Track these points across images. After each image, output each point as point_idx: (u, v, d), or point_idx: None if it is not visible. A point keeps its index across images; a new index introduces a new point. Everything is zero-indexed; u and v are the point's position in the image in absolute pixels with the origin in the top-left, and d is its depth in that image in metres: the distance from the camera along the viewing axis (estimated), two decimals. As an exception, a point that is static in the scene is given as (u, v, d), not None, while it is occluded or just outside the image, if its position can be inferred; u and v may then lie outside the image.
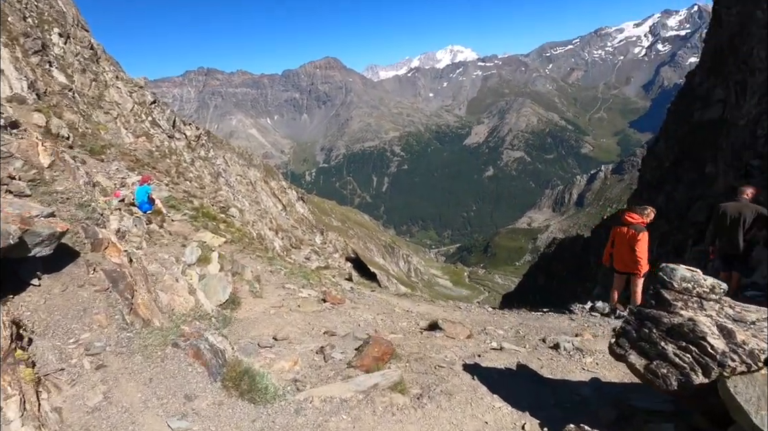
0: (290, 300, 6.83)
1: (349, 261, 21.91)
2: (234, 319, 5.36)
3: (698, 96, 36.38)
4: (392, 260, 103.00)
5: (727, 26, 34.35)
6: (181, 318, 4.28)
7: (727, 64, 33.29)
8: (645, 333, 2.54)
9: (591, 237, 73.18)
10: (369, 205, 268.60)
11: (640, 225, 6.12)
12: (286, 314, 5.88)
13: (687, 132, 35.32)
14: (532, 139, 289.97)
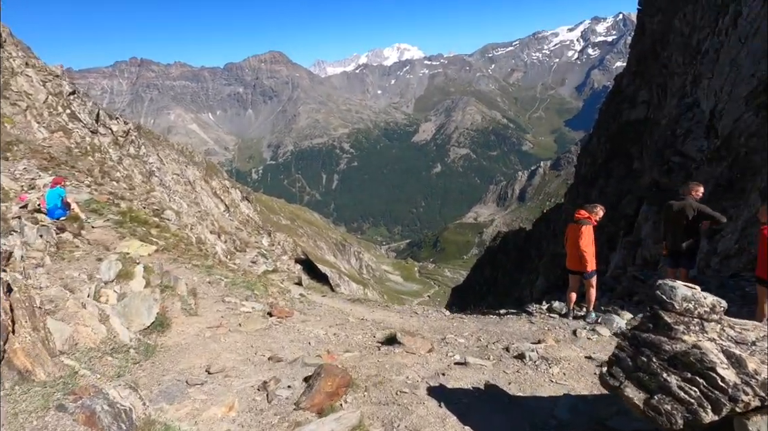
0: (231, 317, 6.06)
1: (298, 263, 20.98)
2: (160, 348, 4.55)
3: (626, 97, 38.94)
4: (343, 257, 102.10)
5: (650, 33, 36.98)
6: (85, 356, 3.46)
7: (650, 68, 35.84)
8: (643, 362, 2.22)
9: (532, 231, 76.92)
10: (319, 203, 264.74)
11: (586, 220, 6.01)
12: (224, 336, 5.13)
13: (616, 130, 37.69)
14: (477, 136, 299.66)
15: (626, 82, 39.60)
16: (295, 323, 6.42)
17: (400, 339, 5.24)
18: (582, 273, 6.31)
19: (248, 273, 12.52)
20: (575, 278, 6.49)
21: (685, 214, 6.27)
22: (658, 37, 34.55)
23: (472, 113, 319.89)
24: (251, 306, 6.89)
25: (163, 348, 4.58)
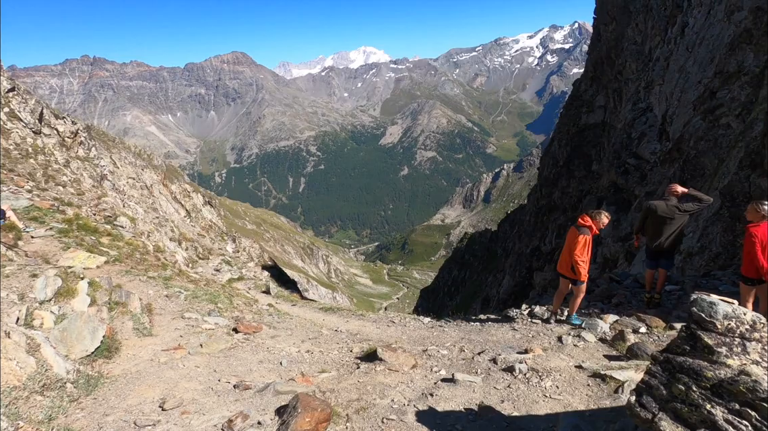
0: (191, 336, 5.44)
1: (265, 270, 20.12)
2: (105, 379, 3.92)
3: (584, 102, 40.35)
4: (312, 262, 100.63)
5: (606, 41, 38.48)
6: (6, 399, 2.83)
7: (606, 74, 37.29)
8: (680, 391, 1.92)
9: (498, 231, 78.74)
10: (286, 207, 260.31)
11: (586, 228, 5.81)
12: (183, 360, 4.54)
13: (576, 134, 38.96)
14: (442, 139, 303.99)
15: (584, 87, 41.06)
16: (264, 339, 5.87)
17: (381, 355, 4.82)
18: (572, 280, 6.10)
19: (211, 282, 11.74)
20: (564, 282, 6.27)
21: (674, 217, 6.21)
22: (612, 45, 35.99)
23: (438, 116, 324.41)
24: (214, 321, 6.27)
25: (110, 379, 3.95)
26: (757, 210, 5.01)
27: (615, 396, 4.05)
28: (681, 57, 22.13)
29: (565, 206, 35.35)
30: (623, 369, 4.48)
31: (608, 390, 4.22)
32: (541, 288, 31.67)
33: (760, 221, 4.95)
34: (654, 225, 6.35)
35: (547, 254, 34.25)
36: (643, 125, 24.43)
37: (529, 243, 40.57)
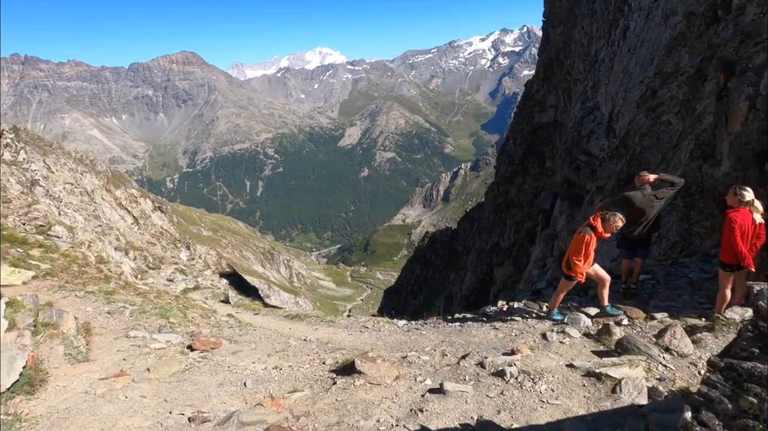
0: (136, 359, 4.69)
1: (224, 278, 18.98)
2: (23, 423, 3.17)
3: (536, 101, 41.72)
4: (273, 267, 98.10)
5: (554, 43, 39.93)
6: None
7: (556, 74, 38.70)
8: (752, 405, 1.58)
9: (458, 229, 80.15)
10: (243, 211, 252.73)
11: (589, 227, 5.48)
12: (125, 390, 3.82)
13: (529, 132, 40.19)
14: (401, 140, 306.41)
15: (536, 87, 42.45)
16: (224, 356, 5.20)
17: (359, 367, 4.32)
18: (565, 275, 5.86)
19: (163, 294, 10.73)
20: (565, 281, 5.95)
21: (653, 207, 6.14)
22: (561, 47, 37.38)
23: (396, 118, 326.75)
24: (165, 339, 5.51)
25: (29, 421, 3.20)
26: (737, 195, 4.96)
27: (614, 396, 3.78)
28: (624, 58, 23.21)
29: (522, 203, 36.27)
30: (617, 365, 4.25)
31: (605, 390, 3.96)
32: (502, 283, 32.25)
33: (739, 206, 4.91)
34: (631, 215, 6.27)
35: (506, 250, 34.92)
36: (592, 123, 25.40)
37: (489, 240, 41.33)
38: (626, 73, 22.40)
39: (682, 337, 4.56)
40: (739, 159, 9.82)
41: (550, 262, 22.38)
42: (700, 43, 15.30)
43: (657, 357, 4.39)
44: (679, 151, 13.72)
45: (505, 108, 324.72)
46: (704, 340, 4.64)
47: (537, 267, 24.05)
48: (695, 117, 13.44)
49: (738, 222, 4.75)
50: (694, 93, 14.10)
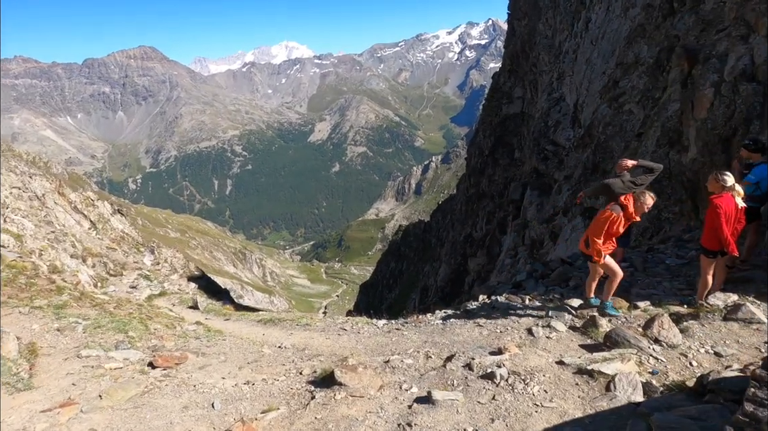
0: (88, 383, 4.18)
1: (192, 281, 18.14)
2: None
3: (504, 93, 42.26)
4: (245, 266, 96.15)
5: (520, 35, 40.47)
6: None
7: (522, 66, 39.27)
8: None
9: (431, 221, 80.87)
10: (212, 211, 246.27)
11: (620, 205, 5.02)
12: (72, 423, 3.33)
13: (498, 124, 40.71)
14: (372, 134, 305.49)
15: (503, 79, 42.99)
16: (190, 373, 4.74)
17: (339, 378, 3.98)
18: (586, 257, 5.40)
19: (125, 303, 10.02)
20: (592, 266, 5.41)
21: (627, 191, 6.06)
22: (526, 39, 37.90)
23: (366, 112, 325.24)
24: (123, 357, 4.99)
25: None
26: (718, 180, 4.90)
27: (609, 395, 3.61)
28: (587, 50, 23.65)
29: (493, 193, 36.76)
30: (608, 361, 4.09)
31: (599, 388, 3.79)
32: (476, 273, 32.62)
33: (721, 192, 4.85)
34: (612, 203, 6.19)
35: (479, 240, 35.35)
36: (558, 114, 25.85)
37: (462, 231, 41.76)
38: (589, 64, 22.84)
39: (671, 327, 4.46)
40: (706, 144, 10.04)
41: (522, 251, 22.68)
42: (658, 34, 15.67)
43: (647, 349, 4.26)
44: (645, 139, 14.00)
45: (473, 100, 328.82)
46: (691, 329, 4.56)
47: (509, 256, 24.34)
48: (660, 104, 13.71)
49: (723, 207, 4.69)
50: (654, 83, 14.44)
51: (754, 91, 8.79)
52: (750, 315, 4.51)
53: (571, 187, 18.77)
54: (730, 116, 9.17)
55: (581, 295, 6.51)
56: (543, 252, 19.20)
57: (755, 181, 5.58)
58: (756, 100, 8.74)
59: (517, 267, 22.23)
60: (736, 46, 9.60)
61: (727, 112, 9.25)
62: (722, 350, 4.15)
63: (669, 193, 11.78)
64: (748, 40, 9.51)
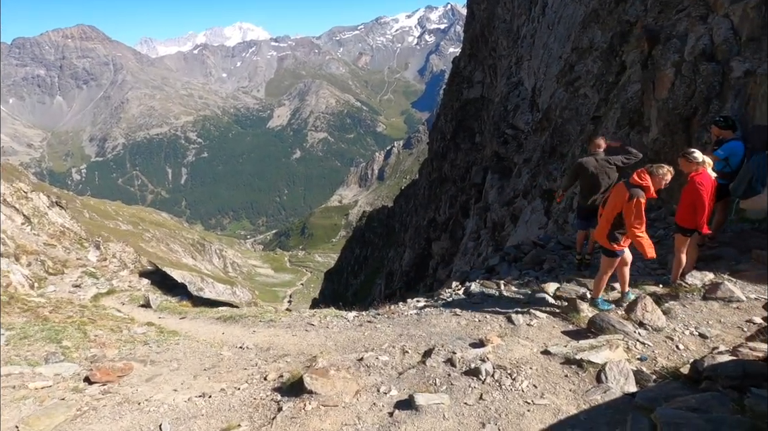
0: (6, 409, 3.49)
1: (144, 277, 16.92)
2: None
3: (464, 78, 42.34)
4: (205, 258, 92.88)
5: (479, 19, 40.46)
6: None
7: (481, 51, 39.39)
8: None
9: (394, 207, 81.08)
10: (167, 201, 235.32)
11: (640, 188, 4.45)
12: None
13: (459, 108, 40.85)
14: (333, 120, 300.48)
15: (463, 64, 43.02)
16: (135, 387, 4.13)
17: (309, 385, 3.52)
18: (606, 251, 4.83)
19: (65, 305, 9.03)
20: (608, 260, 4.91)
21: (602, 171, 5.88)
22: (485, 23, 37.94)
23: (326, 97, 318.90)
24: (54, 372, 4.29)
25: None
26: (690, 160, 4.77)
27: (602, 387, 3.38)
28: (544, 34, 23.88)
29: (455, 177, 37.02)
30: (596, 349, 3.88)
31: (590, 379, 3.56)
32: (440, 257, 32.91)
33: (696, 169, 4.74)
34: (587, 184, 6.01)
35: (442, 224, 35.64)
36: (517, 98, 26.12)
37: (425, 216, 41.97)
38: (546, 48, 23.08)
39: (654, 310, 4.32)
40: (667, 124, 10.19)
41: (484, 234, 22.94)
42: (611, 19, 15.91)
43: (633, 334, 4.10)
44: (604, 120, 14.19)
45: (433, 85, 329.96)
46: (674, 310, 4.45)
47: (472, 239, 24.62)
48: (620, 86, 13.91)
49: (705, 185, 4.57)
50: (608, 67, 14.67)
51: (713, 71, 8.95)
52: (729, 293, 4.45)
53: (530, 170, 19.03)
54: (690, 96, 9.33)
55: (557, 278, 6.37)
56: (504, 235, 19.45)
57: (724, 157, 5.54)
58: (715, 80, 8.91)
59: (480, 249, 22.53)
60: (696, 26, 9.74)
61: (687, 91, 9.40)
62: (706, 331, 4.04)
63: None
64: (707, 20, 9.65)
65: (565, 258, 7.07)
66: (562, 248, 7.58)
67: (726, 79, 8.80)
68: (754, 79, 8.41)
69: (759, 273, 4.81)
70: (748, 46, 8.65)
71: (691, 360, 3.61)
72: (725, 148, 5.49)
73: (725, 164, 5.60)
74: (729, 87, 8.68)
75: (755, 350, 3.38)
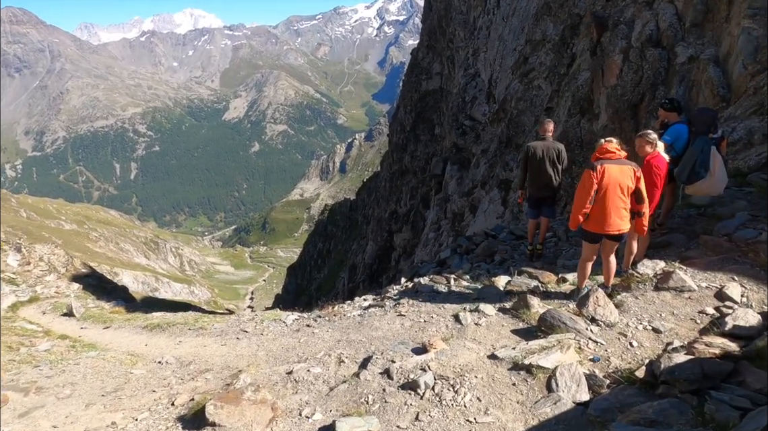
0: None
1: (76, 281, 15.42)
2: None
3: (423, 69, 42.20)
4: (159, 257, 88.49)
5: (437, 10, 40.30)
6: None
7: (439, 42, 39.31)
8: None
9: (356, 200, 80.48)
10: (115, 198, 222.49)
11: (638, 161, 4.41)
12: None
13: (418, 100, 40.70)
14: (292, 111, 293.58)
15: (421, 55, 42.83)
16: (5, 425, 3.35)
17: (212, 416, 2.90)
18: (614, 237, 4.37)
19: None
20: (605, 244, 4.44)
21: (551, 154, 5.54)
22: (443, 14, 37.79)
23: (285, 88, 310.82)
24: None
25: None
26: (649, 140, 4.52)
27: (552, 397, 2.99)
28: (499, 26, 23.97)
29: (416, 169, 36.90)
30: (546, 350, 3.51)
31: (539, 387, 3.17)
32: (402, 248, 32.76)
33: (653, 152, 4.49)
34: (535, 170, 5.68)
35: (403, 216, 35.47)
36: (474, 89, 26.16)
37: (387, 208, 41.70)
38: (501, 40, 23.17)
39: (606, 304, 4.01)
40: (616, 111, 10.19)
41: (445, 224, 22.91)
42: (562, 12, 16.01)
43: (585, 331, 3.76)
44: (556, 109, 14.20)
45: (393, 77, 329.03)
46: (626, 303, 4.16)
47: (433, 230, 24.57)
48: (570, 74, 13.93)
49: (661, 168, 4.33)
50: (560, 59, 14.76)
51: (659, 57, 8.96)
52: (681, 283, 4.21)
53: (488, 161, 19.08)
54: (638, 82, 9.33)
55: (508, 271, 6.04)
56: (464, 225, 19.52)
57: (671, 142, 5.33)
58: (661, 66, 8.93)
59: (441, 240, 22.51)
60: (642, 12, 9.73)
61: (635, 77, 9.40)
62: (660, 325, 3.77)
63: (581, 161, 12.02)
64: (652, 6, 9.67)
65: (517, 249, 6.77)
66: (514, 238, 7.29)
67: (671, 64, 8.84)
68: (697, 64, 8.49)
69: (709, 260, 4.63)
70: (691, 31, 8.71)
71: (646, 359, 3.31)
72: (670, 131, 5.27)
73: (671, 148, 5.40)
74: (674, 72, 8.72)
75: (711, 346, 3.10)
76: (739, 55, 7.61)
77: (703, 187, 5.09)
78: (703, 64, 8.10)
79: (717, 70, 7.93)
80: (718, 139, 5.14)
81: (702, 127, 5.06)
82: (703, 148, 4.99)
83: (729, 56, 7.86)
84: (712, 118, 5.07)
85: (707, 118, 5.09)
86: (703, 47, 8.23)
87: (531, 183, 5.84)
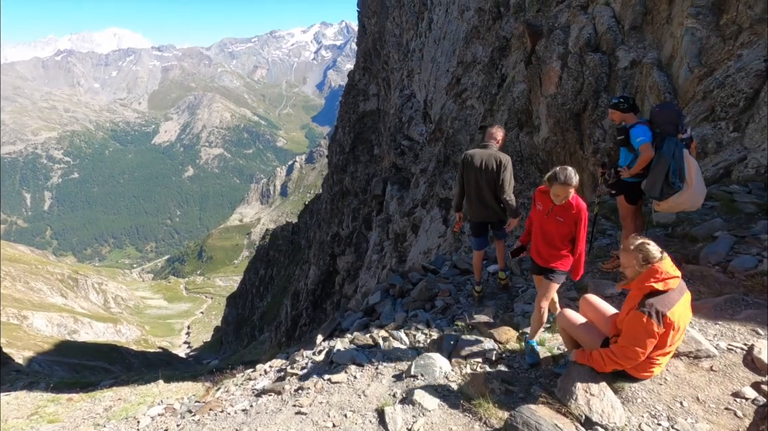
0: None
1: None
2: None
3: (360, 90, 41.85)
4: (78, 295, 78.98)
5: (371, 33, 40.31)
6: None
7: (375, 64, 39.11)
8: None
9: (298, 223, 77.69)
10: (25, 232, 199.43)
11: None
12: None
13: (356, 121, 40.11)
14: (228, 134, 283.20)
15: (358, 77, 42.50)
16: None
17: None
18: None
19: None
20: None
21: (489, 165, 4.18)
22: (377, 37, 37.71)
23: (220, 110, 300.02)
24: None
25: None
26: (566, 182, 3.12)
27: None
28: (431, 49, 24.06)
29: (356, 190, 35.75)
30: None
31: None
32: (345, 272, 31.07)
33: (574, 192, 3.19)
34: (473, 184, 4.30)
35: (346, 238, 33.92)
36: (410, 110, 25.88)
37: (329, 231, 40.02)
38: (434, 62, 23.17)
39: (602, 392, 2.62)
40: (558, 122, 9.37)
41: (387, 245, 21.77)
42: (490, 35, 15.94)
43: (580, 449, 2.33)
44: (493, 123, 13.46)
45: (332, 100, 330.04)
46: (627, 386, 2.80)
47: (376, 251, 23.38)
48: (505, 88, 13.30)
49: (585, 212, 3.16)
50: (490, 80, 14.53)
51: (600, 62, 8.21)
52: (694, 345, 2.93)
53: (427, 180, 18.53)
54: (579, 89, 8.54)
55: (452, 322, 4.57)
56: (407, 245, 18.99)
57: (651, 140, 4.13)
58: (602, 71, 8.18)
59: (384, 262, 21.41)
60: (578, 17, 9.07)
61: (576, 84, 8.61)
62: (689, 425, 2.43)
63: (522, 178, 11.14)
64: (588, 10, 9.07)
65: (463, 289, 5.32)
66: (458, 273, 5.86)
67: (613, 70, 8.14)
68: (640, 69, 7.85)
69: (714, 303, 3.43)
70: (631, 34, 8.08)
71: None
72: (639, 130, 4.11)
73: (635, 157, 4.25)
74: (616, 78, 8.00)
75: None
76: (684, 58, 6.98)
77: (680, 201, 3.98)
78: (646, 68, 7.45)
79: (661, 74, 7.26)
80: (687, 140, 4.09)
81: (668, 127, 3.96)
82: (675, 153, 3.88)
83: (673, 59, 7.24)
84: (677, 114, 3.99)
85: (671, 115, 4.00)
86: (645, 50, 7.61)
87: (469, 203, 4.45)
